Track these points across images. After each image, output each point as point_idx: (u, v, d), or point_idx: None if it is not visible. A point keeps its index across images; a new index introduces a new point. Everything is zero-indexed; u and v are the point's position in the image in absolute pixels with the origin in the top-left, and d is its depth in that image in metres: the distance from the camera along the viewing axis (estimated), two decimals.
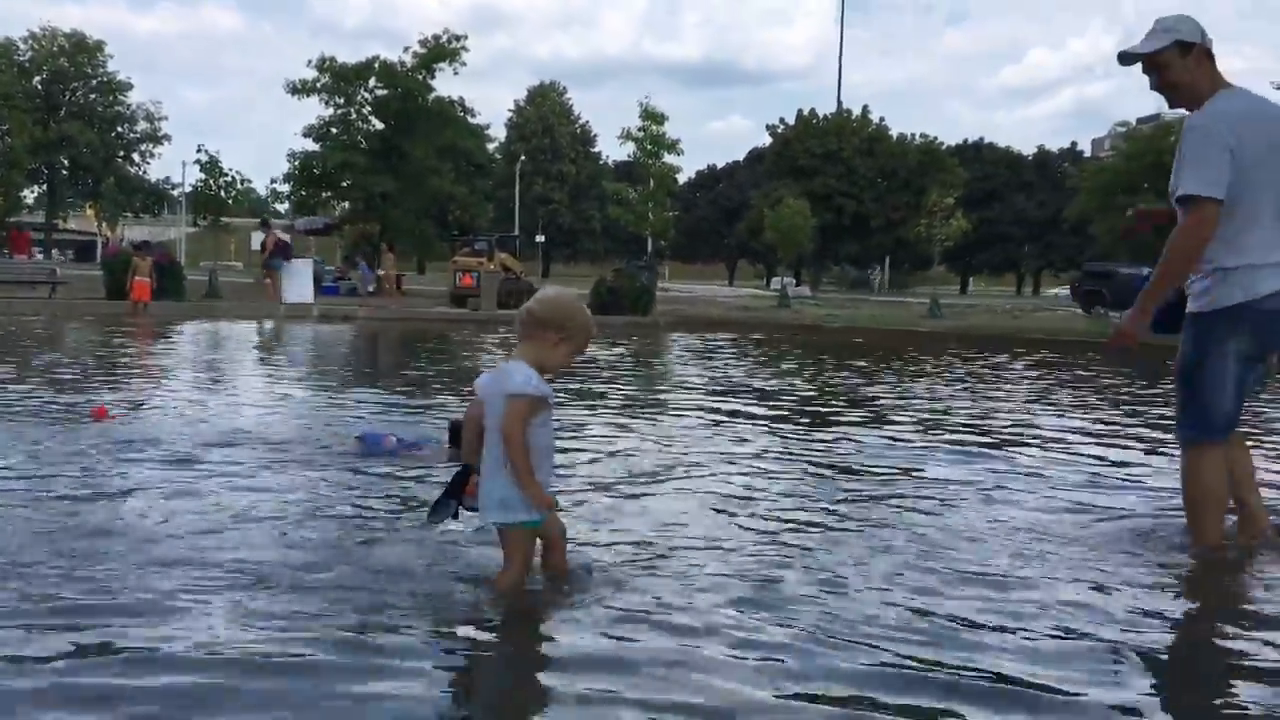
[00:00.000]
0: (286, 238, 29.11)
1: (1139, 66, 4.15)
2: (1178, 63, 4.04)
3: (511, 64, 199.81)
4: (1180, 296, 4.19)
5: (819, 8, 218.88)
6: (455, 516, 3.59)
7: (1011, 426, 8.10)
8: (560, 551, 3.59)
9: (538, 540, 3.51)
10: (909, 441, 7.10)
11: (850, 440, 7.09)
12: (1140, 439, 7.53)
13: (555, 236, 78.09)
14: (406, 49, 41.36)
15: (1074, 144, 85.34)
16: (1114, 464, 6.37)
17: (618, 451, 6.31)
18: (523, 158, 70.95)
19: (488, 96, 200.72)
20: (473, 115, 45.79)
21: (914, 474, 5.85)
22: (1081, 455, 6.68)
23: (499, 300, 25.18)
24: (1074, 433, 7.80)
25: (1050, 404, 10.01)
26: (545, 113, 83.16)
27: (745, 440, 6.97)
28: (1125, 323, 3.99)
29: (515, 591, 3.40)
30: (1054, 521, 4.70)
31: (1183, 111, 4.25)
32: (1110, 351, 4.01)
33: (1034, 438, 7.45)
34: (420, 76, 41.14)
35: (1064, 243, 71.10)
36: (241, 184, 44.63)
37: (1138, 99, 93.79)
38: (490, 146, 57.79)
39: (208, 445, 6.04)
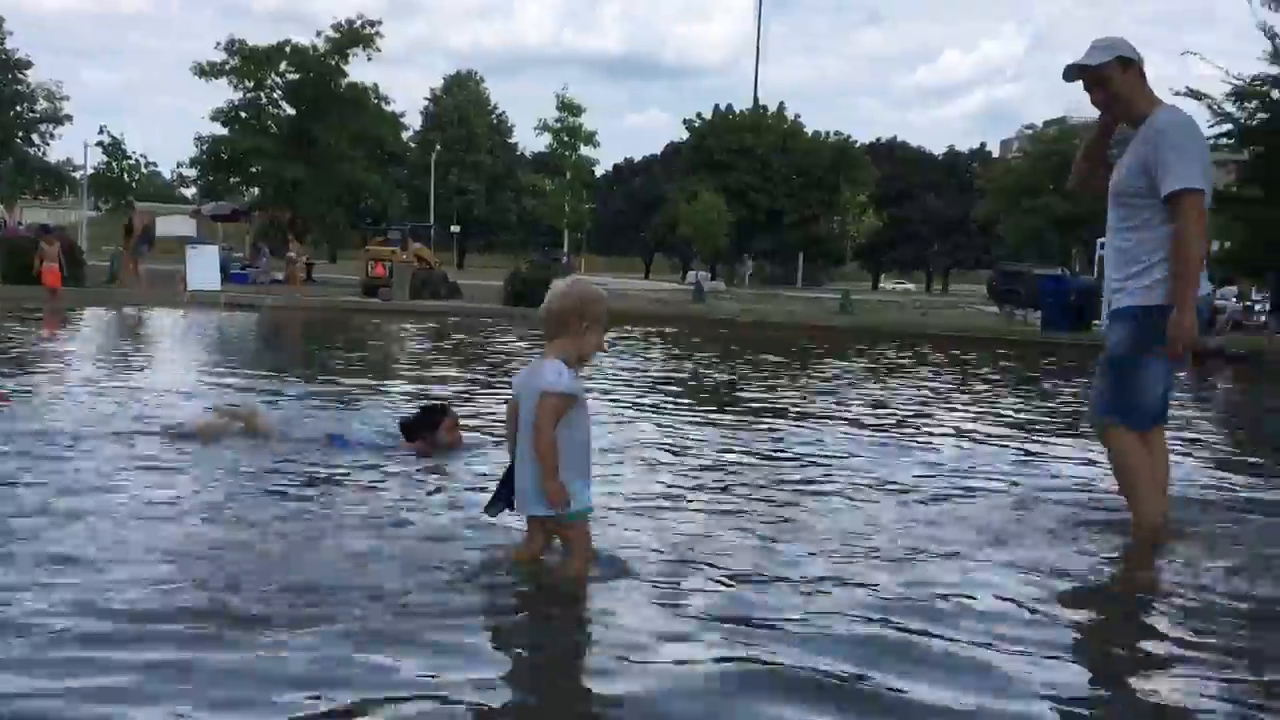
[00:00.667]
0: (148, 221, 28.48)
1: (1078, 82, 4.32)
2: (1118, 77, 4.26)
3: (428, 52, 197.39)
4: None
5: (738, 4, 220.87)
6: (511, 509, 3.64)
7: (921, 415, 8.27)
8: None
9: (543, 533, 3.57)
10: (824, 431, 7.19)
11: (772, 430, 7.17)
12: (1051, 427, 7.76)
13: (471, 227, 77.37)
14: (319, 33, 40.46)
15: (983, 144, 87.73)
16: (1028, 447, 6.56)
17: None
18: (438, 147, 70.04)
19: (404, 84, 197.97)
20: (387, 103, 44.83)
21: (831, 462, 5.93)
22: (995, 442, 6.86)
23: (412, 290, 24.87)
24: (979, 419, 8.00)
25: (956, 394, 10.23)
26: (462, 102, 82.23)
27: (669, 430, 7.00)
28: (1180, 327, 4.03)
29: (581, 580, 3.44)
30: (980, 504, 4.82)
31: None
32: (1176, 358, 4.09)
33: (944, 425, 7.62)
34: (333, 61, 40.27)
35: (972, 242, 72.85)
36: (146, 167, 43.33)
37: (1046, 102, 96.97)
38: (405, 135, 56.85)
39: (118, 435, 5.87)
